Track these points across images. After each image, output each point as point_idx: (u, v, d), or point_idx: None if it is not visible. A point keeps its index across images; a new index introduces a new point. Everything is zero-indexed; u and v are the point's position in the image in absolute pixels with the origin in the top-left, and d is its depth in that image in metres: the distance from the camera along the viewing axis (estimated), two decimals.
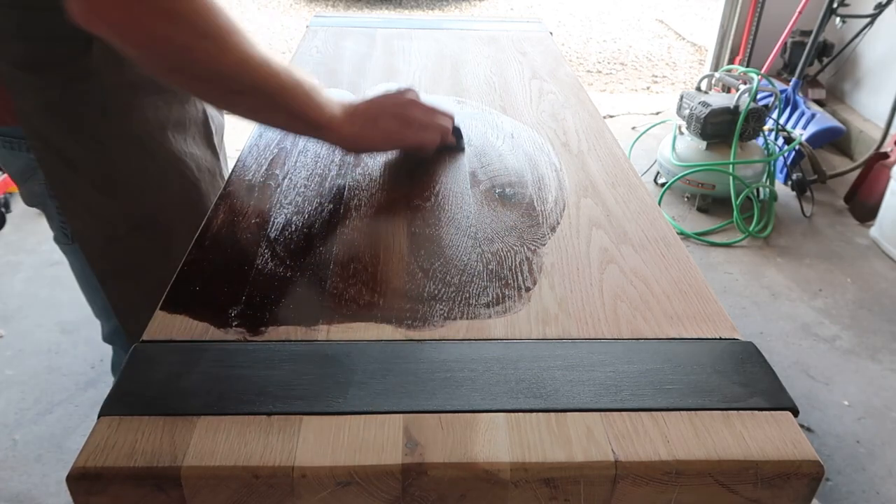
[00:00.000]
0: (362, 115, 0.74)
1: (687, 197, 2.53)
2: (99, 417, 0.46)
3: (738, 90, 2.37)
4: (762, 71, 2.66)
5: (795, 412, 0.48)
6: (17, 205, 2.36)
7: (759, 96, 2.41)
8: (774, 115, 2.58)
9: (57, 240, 0.89)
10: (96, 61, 0.75)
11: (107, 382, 1.57)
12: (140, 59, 0.61)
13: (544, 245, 0.67)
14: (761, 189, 2.42)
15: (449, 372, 0.50)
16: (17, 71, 0.74)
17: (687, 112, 2.42)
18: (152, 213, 0.84)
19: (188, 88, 0.68)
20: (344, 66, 1.16)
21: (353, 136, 0.73)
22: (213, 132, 0.92)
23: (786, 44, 2.89)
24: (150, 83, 0.80)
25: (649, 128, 2.86)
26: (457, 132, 0.84)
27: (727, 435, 0.46)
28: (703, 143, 2.39)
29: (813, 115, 2.69)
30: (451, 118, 0.81)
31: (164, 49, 0.60)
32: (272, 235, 0.67)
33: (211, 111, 0.92)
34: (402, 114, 0.76)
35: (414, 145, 0.79)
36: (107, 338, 1.00)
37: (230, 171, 0.80)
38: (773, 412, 0.48)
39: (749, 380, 0.50)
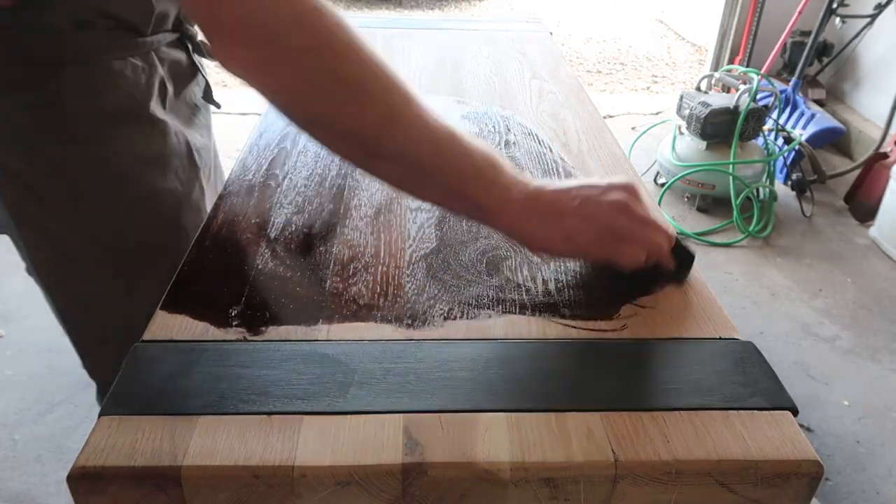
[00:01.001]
0: (545, 207, 0.57)
1: (687, 197, 2.53)
2: (99, 417, 0.46)
3: (738, 90, 2.37)
4: (762, 71, 2.66)
5: (795, 412, 0.48)
6: None
7: (759, 96, 2.41)
8: (774, 115, 2.58)
9: (27, 270, 0.83)
10: (67, 87, 0.68)
11: None
12: (278, 107, 0.54)
13: None
14: (761, 189, 2.42)
15: (449, 372, 0.50)
16: None
17: (687, 112, 2.42)
18: (120, 251, 0.77)
19: (328, 147, 0.57)
20: None
21: (525, 230, 0.57)
22: (201, 166, 0.83)
23: (786, 44, 2.89)
24: (128, 113, 0.72)
25: (649, 128, 2.86)
26: (682, 256, 0.62)
27: (727, 435, 0.46)
28: (703, 143, 2.39)
29: (813, 115, 2.69)
30: (670, 237, 0.60)
31: (295, 98, 0.53)
32: (272, 235, 0.67)
33: (196, 143, 0.83)
34: (599, 215, 0.57)
35: (604, 258, 0.59)
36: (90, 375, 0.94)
37: (230, 171, 0.80)
38: (773, 412, 0.48)
39: (749, 380, 0.50)
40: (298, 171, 0.79)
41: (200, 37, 0.84)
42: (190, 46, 0.82)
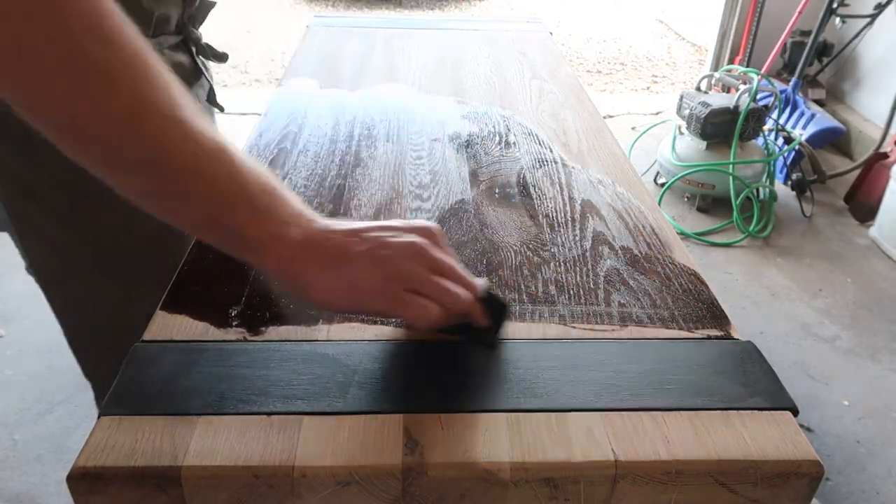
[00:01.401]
0: (329, 249, 0.48)
1: (687, 197, 2.53)
2: (99, 417, 0.46)
3: (738, 90, 2.37)
4: (762, 71, 2.66)
5: (795, 412, 0.48)
6: None
7: (759, 96, 2.41)
8: (774, 115, 2.58)
9: (27, 270, 0.83)
10: None
11: None
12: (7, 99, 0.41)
13: (544, 245, 0.67)
14: (761, 189, 2.42)
15: (449, 372, 0.50)
16: None
17: (687, 112, 2.42)
18: (120, 254, 0.76)
19: (70, 153, 0.43)
20: (344, 66, 1.16)
21: (300, 276, 0.47)
22: None
23: (786, 44, 2.89)
24: None
25: (649, 128, 2.86)
26: (496, 312, 0.52)
27: (727, 435, 0.46)
28: (703, 143, 2.39)
29: (813, 115, 2.69)
30: (472, 286, 0.50)
31: (22, 84, 0.39)
32: None
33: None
34: (387, 261, 0.48)
35: (390, 314, 0.53)
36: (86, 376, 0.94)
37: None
38: (773, 412, 0.48)
39: (749, 380, 0.50)
40: (298, 171, 0.79)
41: (204, 39, 0.84)
42: (193, 49, 0.81)
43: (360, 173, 0.79)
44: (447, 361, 0.51)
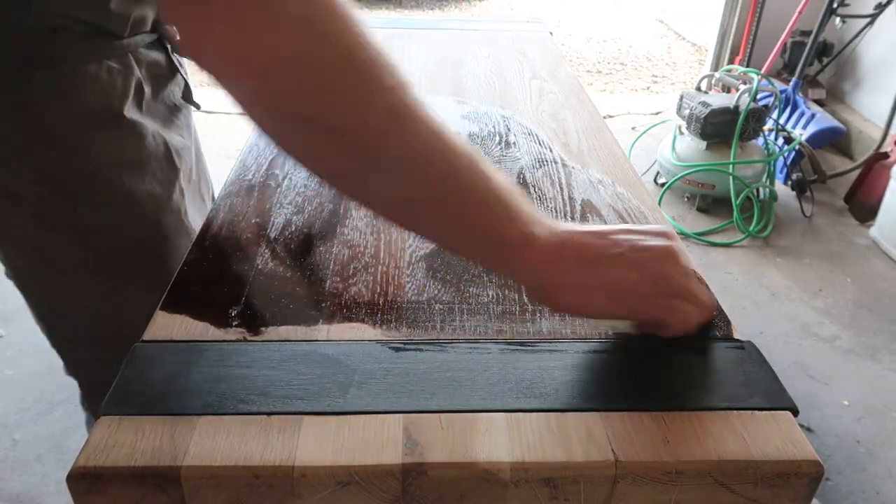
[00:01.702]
0: (582, 250, 0.47)
1: (687, 197, 2.53)
2: (99, 417, 0.46)
3: (738, 90, 2.37)
4: (762, 71, 2.66)
5: (795, 412, 0.48)
6: None
7: (759, 96, 2.41)
8: (774, 115, 2.58)
9: (7, 274, 0.81)
10: (40, 91, 0.67)
11: None
12: (254, 101, 0.43)
13: None
14: (761, 189, 2.42)
15: (449, 372, 0.50)
16: None
17: (687, 112, 2.42)
18: (100, 253, 0.75)
19: (311, 156, 0.45)
20: None
21: (557, 277, 0.47)
22: (180, 167, 0.80)
23: (786, 44, 2.90)
24: (103, 116, 0.70)
25: (649, 128, 2.86)
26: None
27: (727, 435, 0.46)
28: (703, 143, 2.39)
29: (813, 115, 2.69)
30: (712, 296, 0.52)
31: (283, 83, 0.41)
32: (272, 235, 0.67)
33: (176, 144, 0.79)
34: (648, 265, 0.47)
35: (656, 318, 0.50)
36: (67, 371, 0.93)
37: (230, 171, 0.80)
38: (773, 412, 0.48)
39: (749, 380, 0.50)
40: (298, 171, 0.79)
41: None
42: (169, 47, 0.81)
43: None
44: (447, 361, 0.51)
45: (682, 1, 5.12)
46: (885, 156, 2.45)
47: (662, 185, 2.52)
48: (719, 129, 2.35)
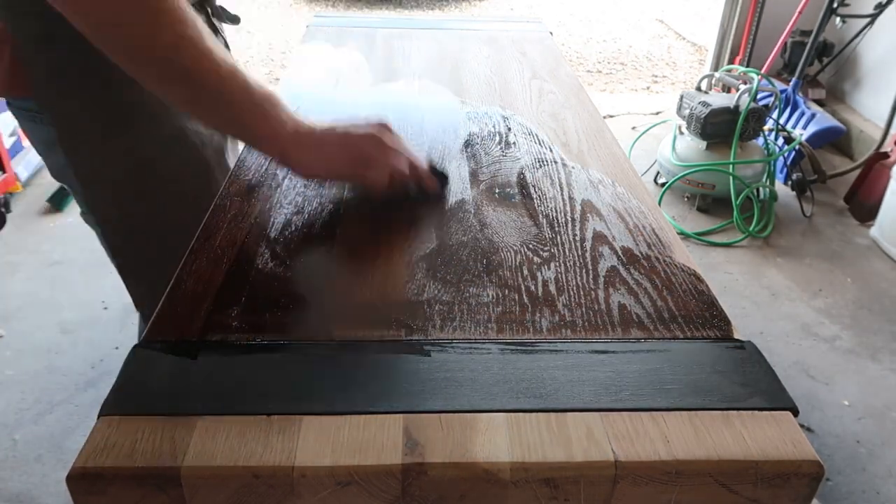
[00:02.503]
0: (312, 138, 0.69)
1: (687, 197, 2.53)
2: (99, 417, 0.46)
3: (738, 90, 2.37)
4: (762, 71, 2.66)
5: (795, 412, 0.48)
6: (17, 205, 2.36)
7: (759, 96, 2.41)
8: (774, 115, 2.58)
9: (83, 213, 0.95)
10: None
11: (107, 382, 1.57)
12: (80, 27, 0.60)
13: (544, 245, 0.67)
14: (761, 189, 2.42)
15: (449, 372, 0.50)
16: (31, 45, 0.76)
17: (687, 112, 2.42)
18: (163, 182, 0.87)
19: (126, 68, 0.63)
20: (344, 67, 1.16)
21: (293, 157, 0.68)
22: None
23: (786, 44, 2.89)
24: None
25: (649, 128, 2.86)
26: (440, 178, 0.76)
27: (727, 435, 0.46)
28: (703, 143, 2.39)
29: (813, 115, 2.69)
30: (414, 161, 0.72)
31: (93, 16, 0.59)
32: (272, 235, 0.67)
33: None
34: (351, 144, 0.70)
35: (354, 178, 0.73)
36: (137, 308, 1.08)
37: (230, 171, 0.80)
38: (773, 412, 0.48)
39: (749, 380, 0.50)
40: None
41: (219, 1, 0.95)
42: (209, 10, 0.91)
43: None
44: (447, 361, 0.51)
45: (682, 1, 5.12)
46: (885, 156, 2.45)
47: (662, 185, 2.52)
48: (719, 129, 2.35)
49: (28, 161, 2.46)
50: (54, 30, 0.75)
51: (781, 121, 2.72)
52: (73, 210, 2.34)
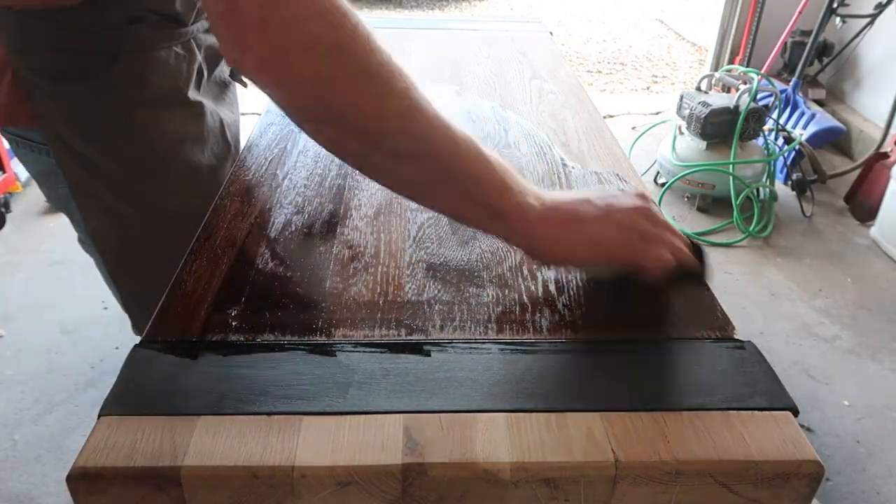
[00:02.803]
0: (566, 213, 0.56)
1: (687, 197, 2.53)
2: (99, 417, 0.46)
3: (738, 90, 2.37)
4: (762, 71, 2.66)
5: (795, 412, 0.48)
6: (17, 205, 2.36)
7: (759, 96, 2.41)
8: (774, 115, 2.58)
9: (81, 241, 0.94)
10: (119, 76, 0.76)
11: (107, 382, 1.57)
12: (286, 104, 0.53)
13: None
14: (761, 189, 2.42)
15: (449, 372, 0.50)
16: (41, 79, 0.75)
17: (687, 112, 2.42)
18: (167, 219, 0.85)
19: (337, 145, 0.55)
20: None
21: (547, 236, 0.55)
22: (231, 142, 0.92)
23: (786, 44, 2.89)
24: (171, 99, 0.82)
25: (649, 128, 2.86)
26: (698, 254, 0.60)
27: (727, 435, 0.46)
28: (703, 143, 2.39)
29: (813, 115, 2.69)
30: (685, 240, 0.60)
31: (315, 90, 0.51)
32: (272, 235, 0.67)
33: (227, 119, 0.91)
34: (623, 219, 0.56)
35: (632, 261, 0.57)
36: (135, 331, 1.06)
37: (230, 172, 0.80)
38: (773, 412, 0.48)
39: (749, 380, 0.50)
40: (298, 171, 0.79)
41: None
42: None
43: (362, 174, 0.79)
44: (447, 361, 0.51)
45: (682, 1, 5.12)
46: (885, 156, 2.45)
47: (662, 185, 2.52)
48: (719, 129, 2.35)
49: None
50: (67, 68, 0.75)
51: (781, 121, 2.72)
52: None
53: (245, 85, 0.96)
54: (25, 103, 0.77)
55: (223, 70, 0.93)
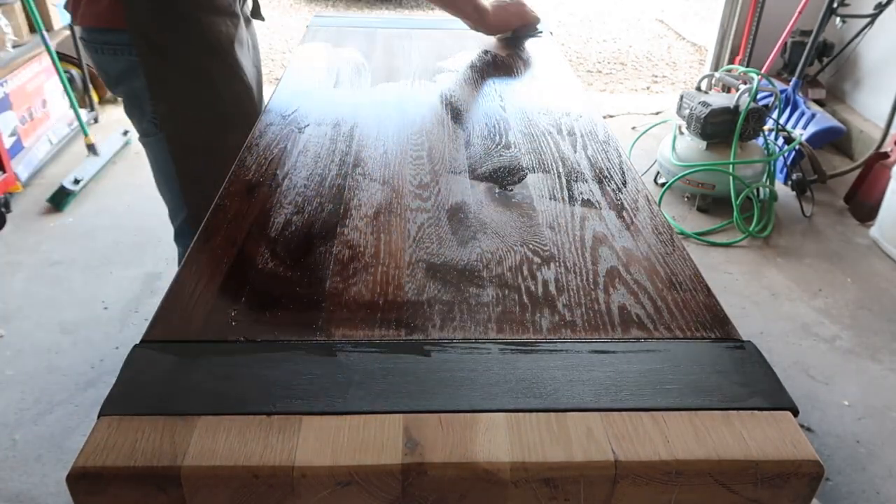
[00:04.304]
0: (495, 7, 1.29)
1: (687, 197, 2.53)
2: (99, 417, 0.46)
3: (738, 90, 2.37)
4: (762, 71, 2.66)
5: (795, 412, 0.48)
6: (17, 205, 2.36)
7: (759, 96, 2.41)
8: (774, 115, 2.58)
9: (145, 133, 1.12)
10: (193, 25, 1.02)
11: (107, 382, 1.57)
12: None
13: (544, 244, 0.67)
14: (761, 189, 2.42)
15: (449, 372, 0.50)
16: None
17: (687, 112, 2.42)
18: (223, 101, 1.09)
19: None
20: (344, 66, 1.16)
21: (493, 14, 1.28)
22: (256, 67, 1.21)
23: (786, 44, 2.89)
24: (223, 8, 1.06)
25: (649, 128, 2.86)
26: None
27: (727, 435, 0.46)
28: (703, 143, 2.39)
29: (813, 115, 2.69)
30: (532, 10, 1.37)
31: None
32: (272, 235, 0.67)
33: (253, 41, 1.22)
34: (510, 6, 1.32)
35: (524, 17, 1.34)
36: (176, 237, 1.26)
37: (230, 170, 0.80)
38: (773, 412, 0.48)
39: (749, 380, 0.50)
40: (298, 171, 0.79)
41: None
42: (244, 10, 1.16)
43: (360, 173, 0.79)
44: (447, 361, 0.51)
45: (682, 1, 5.12)
46: (886, 156, 2.45)
47: (662, 185, 2.52)
48: (719, 129, 2.35)
49: (28, 161, 2.46)
50: None
51: (781, 121, 2.72)
52: (73, 210, 2.34)
53: (263, 19, 1.27)
54: (119, 7, 0.99)
55: (248, 6, 1.20)
